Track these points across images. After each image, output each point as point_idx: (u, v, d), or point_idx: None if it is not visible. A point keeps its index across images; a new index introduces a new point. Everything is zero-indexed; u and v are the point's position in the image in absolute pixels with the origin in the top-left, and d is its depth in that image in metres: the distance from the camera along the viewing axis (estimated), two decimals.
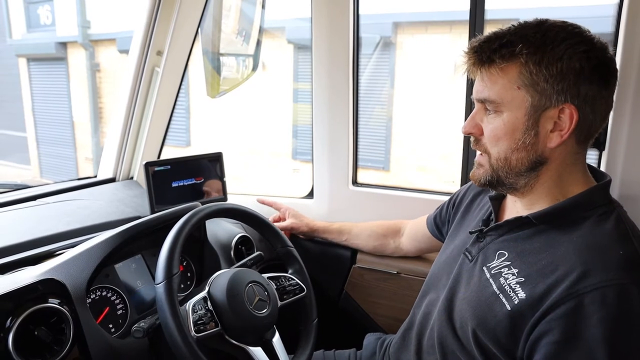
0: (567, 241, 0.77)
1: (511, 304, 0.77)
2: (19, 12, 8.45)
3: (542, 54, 0.75)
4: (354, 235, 1.43)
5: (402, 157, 5.48)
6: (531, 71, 0.76)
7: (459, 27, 4.76)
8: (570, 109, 0.76)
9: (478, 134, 0.85)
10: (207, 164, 1.54)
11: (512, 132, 0.80)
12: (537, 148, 0.79)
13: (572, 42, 0.75)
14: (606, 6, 1.34)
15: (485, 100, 0.82)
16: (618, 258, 0.71)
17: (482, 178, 0.87)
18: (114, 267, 1.07)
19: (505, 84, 0.78)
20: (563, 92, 0.75)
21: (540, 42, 0.75)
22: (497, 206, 0.95)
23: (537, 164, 0.81)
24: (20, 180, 6.50)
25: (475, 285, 0.86)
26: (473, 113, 0.86)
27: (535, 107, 0.77)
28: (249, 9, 1.51)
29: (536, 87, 0.76)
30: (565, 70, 0.74)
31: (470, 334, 0.83)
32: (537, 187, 0.83)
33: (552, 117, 0.77)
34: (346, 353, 1.26)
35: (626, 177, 1.24)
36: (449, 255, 0.99)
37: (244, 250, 1.36)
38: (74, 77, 8.06)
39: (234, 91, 1.55)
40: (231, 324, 0.93)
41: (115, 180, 1.69)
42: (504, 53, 0.77)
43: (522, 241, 0.83)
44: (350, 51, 1.51)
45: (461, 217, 1.06)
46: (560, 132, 0.77)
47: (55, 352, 0.86)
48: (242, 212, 1.13)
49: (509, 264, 0.82)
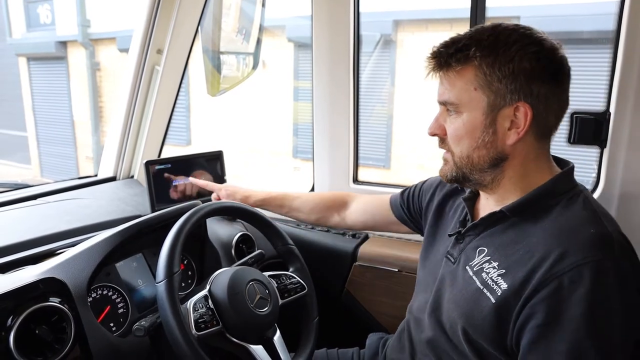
0: (540, 228, 0.80)
1: (495, 297, 0.79)
2: (19, 12, 8.45)
3: (494, 56, 0.79)
4: (295, 208, 1.36)
5: (403, 155, 5.48)
6: (485, 73, 0.80)
7: (460, 24, 4.75)
8: (524, 107, 0.80)
9: (442, 134, 0.90)
10: (207, 162, 1.54)
11: (472, 131, 0.84)
12: (496, 145, 0.83)
13: (523, 44, 0.79)
14: (607, 3, 1.34)
15: (446, 102, 0.86)
16: (590, 237, 0.75)
17: (448, 174, 0.91)
18: (114, 265, 1.07)
19: (463, 86, 0.83)
20: (516, 91, 0.79)
21: (492, 45, 0.80)
22: (471, 206, 0.97)
23: (498, 161, 0.84)
24: (20, 179, 6.50)
25: (459, 285, 0.88)
26: (437, 115, 0.90)
27: (491, 106, 0.81)
28: (249, 7, 1.50)
29: (491, 88, 0.80)
30: (517, 71, 0.78)
31: (461, 332, 0.85)
32: (504, 182, 0.87)
33: (508, 116, 0.81)
34: (349, 352, 1.26)
35: (627, 175, 1.24)
36: (433, 261, 1.02)
37: (245, 249, 1.36)
38: (74, 76, 8.06)
39: (234, 90, 1.55)
40: (232, 322, 0.93)
41: (115, 179, 1.69)
42: (459, 57, 0.81)
43: (498, 235, 0.86)
44: (351, 49, 1.50)
45: (435, 220, 1.08)
46: (517, 130, 0.81)
47: (56, 350, 0.86)
48: (243, 211, 1.13)
49: (489, 258, 0.85)
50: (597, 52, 3.63)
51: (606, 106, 1.26)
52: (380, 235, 1.57)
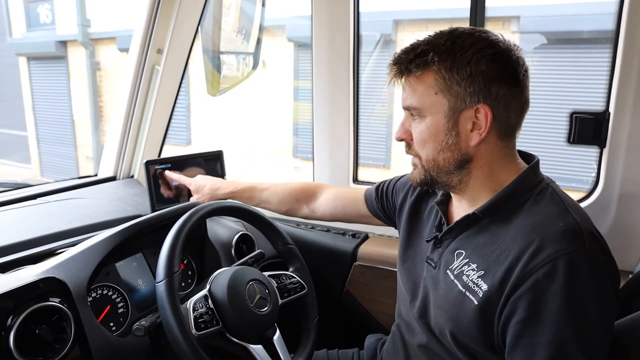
0: (512, 227, 0.81)
1: (477, 298, 0.80)
2: (19, 11, 8.44)
3: (452, 60, 0.81)
4: (264, 200, 1.36)
5: (403, 155, 5.46)
6: (444, 77, 0.82)
7: (460, 24, 4.73)
8: (484, 108, 0.81)
9: (409, 139, 0.91)
10: (207, 162, 1.54)
11: (436, 135, 0.85)
12: (460, 147, 0.85)
13: (479, 47, 0.80)
14: (607, 3, 1.34)
15: (409, 107, 0.88)
16: (560, 230, 0.76)
17: (417, 178, 0.92)
18: (114, 265, 1.07)
19: (424, 91, 0.84)
20: (475, 93, 0.81)
21: (449, 49, 0.81)
22: (444, 210, 0.98)
23: (463, 162, 0.86)
24: (20, 179, 6.50)
25: (443, 290, 0.89)
26: (402, 120, 0.92)
27: (452, 109, 0.83)
28: (249, 7, 1.51)
29: (450, 91, 0.82)
30: (475, 73, 0.80)
31: (449, 337, 0.86)
32: (471, 183, 0.88)
33: (470, 118, 0.83)
34: (349, 353, 1.26)
35: (627, 175, 1.24)
36: (412, 264, 1.02)
37: (245, 249, 1.36)
38: (74, 75, 8.06)
39: (234, 89, 1.55)
40: (232, 322, 0.94)
41: (115, 178, 1.69)
42: (418, 62, 0.83)
43: (474, 237, 0.87)
44: (351, 49, 1.50)
45: (410, 221, 1.07)
46: (479, 131, 0.83)
47: (56, 350, 0.86)
48: (243, 210, 1.13)
49: (467, 260, 0.86)
50: (597, 52, 3.63)
51: (606, 106, 1.26)
52: (380, 235, 1.57)
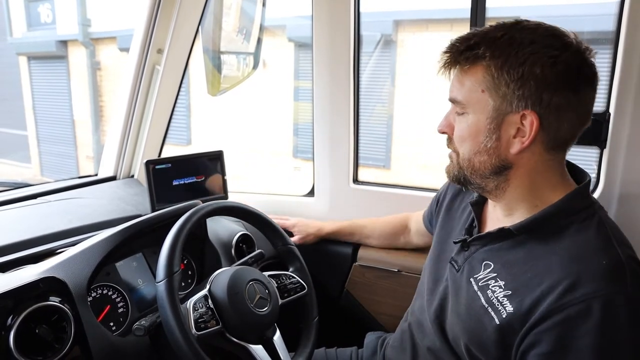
0: (550, 252, 0.76)
1: (499, 318, 0.77)
2: (20, 11, 8.44)
3: (505, 57, 0.74)
4: (365, 236, 1.44)
5: (403, 155, 5.48)
6: (493, 75, 0.75)
7: (460, 25, 4.75)
8: (531, 115, 0.74)
9: (450, 133, 0.86)
10: (207, 162, 1.54)
11: (476, 135, 0.80)
12: (499, 152, 0.79)
13: (539, 47, 0.73)
14: (607, 4, 1.34)
15: (454, 100, 0.83)
16: (602, 268, 0.71)
17: (451, 173, 0.88)
18: (114, 265, 1.07)
19: (471, 86, 0.78)
20: (524, 97, 0.74)
21: (505, 45, 0.74)
22: (478, 212, 0.94)
23: (501, 169, 0.80)
24: (21, 178, 6.51)
25: (464, 299, 0.86)
26: (447, 112, 0.87)
27: (497, 111, 0.77)
28: (249, 7, 1.50)
29: (497, 91, 0.76)
30: (527, 76, 0.73)
31: (464, 348, 0.84)
32: (509, 191, 0.82)
33: (515, 123, 0.76)
34: (348, 351, 1.26)
35: (627, 176, 1.24)
36: (436, 261, 1.00)
37: (245, 249, 1.36)
38: (75, 75, 8.06)
39: (234, 89, 1.55)
40: (232, 322, 0.93)
41: (116, 178, 1.69)
42: (468, 55, 0.77)
43: (505, 252, 0.83)
44: (351, 49, 1.50)
45: (443, 220, 1.06)
46: (522, 139, 0.76)
47: (56, 350, 0.86)
48: (243, 210, 1.13)
49: (495, 275, 0.82)
50: (597, 53, 3.62)
51: (606, 106, 1.26)
52: None
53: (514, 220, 0.83)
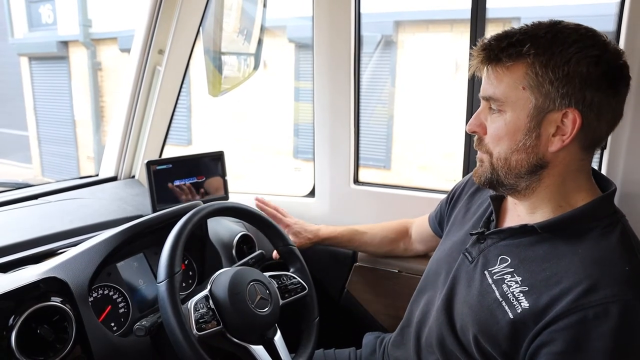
0: (571, 252, 0.76)
1: (514, 313, 0.77)
2: (21, 11, 8.45)
3: (549, 55, 0.74)
4: (364, 243, 1.40)
5: (404, 156, 5.48)
6: (537, 72, 0.75)
7: (460, 25, 4.75)
8: (574, 113, 0.74)
9: (482, 132, 0.85)
10: (208, 162, 1.54)
11: (514, 133, 0.79)
12: (537, 151, 0.78)
13: (583, 46, 0.73)
14: (608, 4, 1.34)
15: (490, 98, 0.81)
16: (623, 273, 0.71)
17: (482, 177, 0.86)
18: (115, 265, 1.07)
19: (511, 83, 0.77)
20: (567, 96, 0.74)
21: (549, 43, 0.74)
22: (497, 207, 0.94)
23: (537, 167, 0.80)
24: (21, 179, 6.51)
25: (476, 290, 0.85)
26: (478, 111, 0.85)
27: (538, 109, 0.76)
28: (250, 8, 1.51)
29: (541, 89, 0.75)
30: (572, 74, 0.73)
31: (472, 338, 0.83)
32: (539, 191, 0.82)
33: (555, 121, 0.76)
34: (346, 352, 1.26)
35: (627, 176, 1.24)
36: (447, 253, 0.99)
37: (246, 249, 1.36)
38: (76, 75, 8.06)
39: (235, 90, 1.55)
40: (233, 322, 0.94)
41: (116, 179, 1.70)
42: (511, 52, 0.76)
43: (524, 248, 0.82)
44: (352, 50, 1.50)
45: (459, 213, 1.05)
46: (562, 137, 0.76)
47: (58, 350, 0.86)
48: (244, 211, 1.13)
49: (512, 270, 0.81)
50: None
51: None
52: None
53: (536, 218, 0.83)
